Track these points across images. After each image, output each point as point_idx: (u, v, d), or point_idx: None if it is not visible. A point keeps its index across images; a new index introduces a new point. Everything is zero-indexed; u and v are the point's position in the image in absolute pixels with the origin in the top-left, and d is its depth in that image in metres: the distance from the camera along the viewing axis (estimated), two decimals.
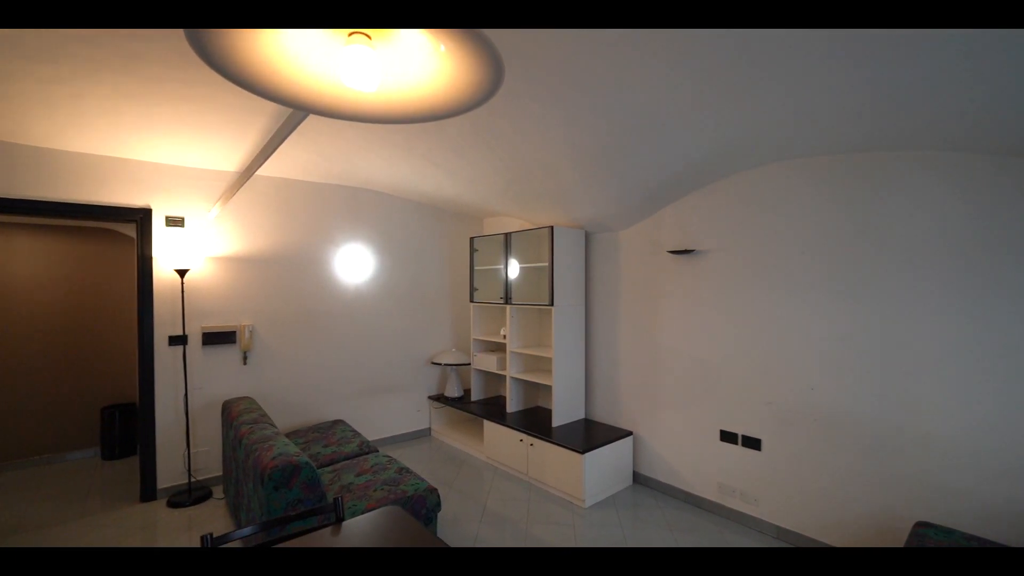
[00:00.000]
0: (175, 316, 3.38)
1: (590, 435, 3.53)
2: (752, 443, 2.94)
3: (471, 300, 4.54)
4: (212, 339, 3.52)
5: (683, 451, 3.33)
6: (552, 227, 3.68)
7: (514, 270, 4.08)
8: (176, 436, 3.41)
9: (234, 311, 3.64)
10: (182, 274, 3.27)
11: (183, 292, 3.34)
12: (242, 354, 3.67)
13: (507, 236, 4.09)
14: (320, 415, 4.07)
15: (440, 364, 4.59)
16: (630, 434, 3.60)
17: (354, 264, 4.27)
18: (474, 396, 4.56)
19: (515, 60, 1.77)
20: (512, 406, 4.14)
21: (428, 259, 4.78)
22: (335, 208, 4.16)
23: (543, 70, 1.87)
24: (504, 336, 4.20)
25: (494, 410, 4.21)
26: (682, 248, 3.29)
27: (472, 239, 4.55)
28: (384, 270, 4.46)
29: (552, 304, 3.68)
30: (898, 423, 2.40)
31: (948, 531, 1.99)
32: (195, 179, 3.45)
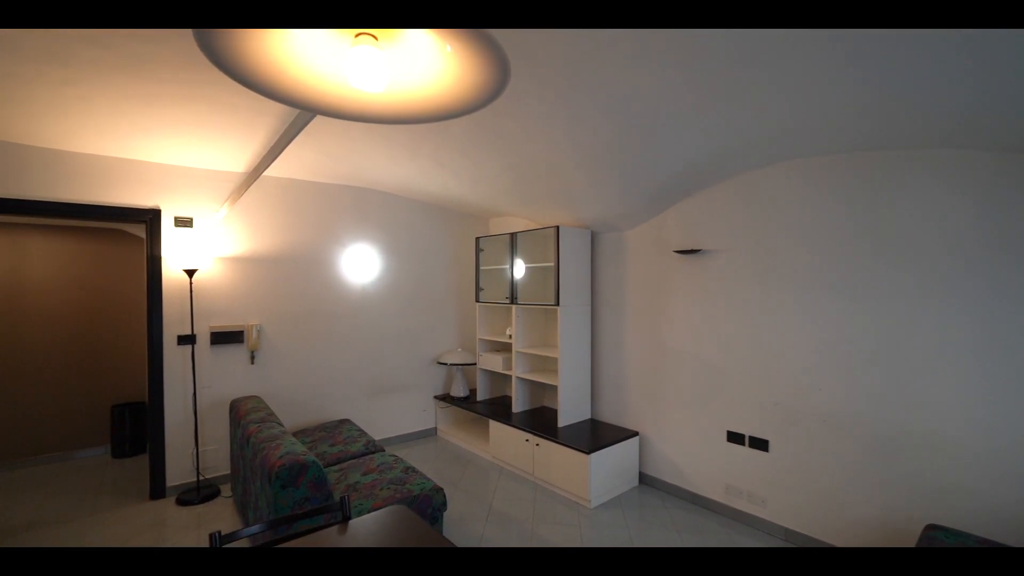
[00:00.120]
0: (184, 316, 3.41)
1: (596, 435, 3.52)
2: (759, 444, 2.92)
3: (477, 300, 4.55)
4: (220, 339, 3.55)
5: (690, 452, 3.32)
6: (558, 227, 3.67)
7: (520, 270, 4.07)
8: (185, 435, 3.44)
9: (242, 311, 3.67)
10: (191, 274, 3.30)
11: (192, 292, 3.37)
12: (250, 353, 3.70)
13: (513, 236, 4.09)
14: (327, 414, 4.10)
15: (446, 364, 4.60)
16: (636, 434, 3.59)
17: (360, 264, 4.29)
18: (480, 396, 4.56)
19: (520, 60, 1.77)
20: (518, 406, 4.14)
21: (434, 259, 4.79)
22: (342, 208, 4.17)
23: (548, 70, 1.87)
24: (510, 336, 4.20)
25: (500, 410, 4.21)
26: (689, 248, 3.27)
27: (478, 239, 4.55)
28: (390, 270, 4.48)
29: (558, 304, 3.68)
30: (907, 424, 2.37)
31: (959, 534, 1.96)
32: (203, 180, 3.48)
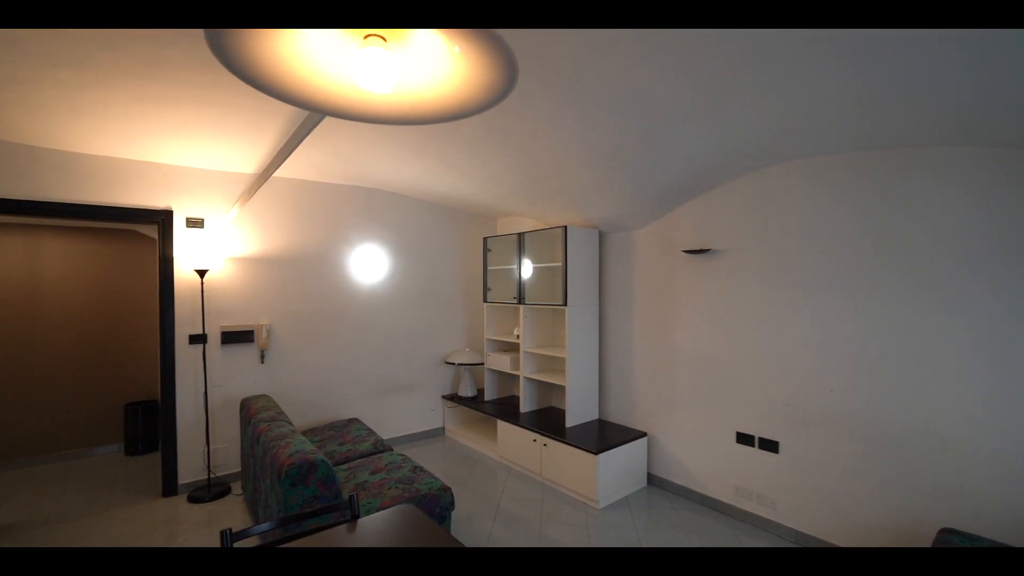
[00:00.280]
0: (195, 315, 3.45)
1: (604, 436, 3.51)
2: (769, 445, 2.90)
3: (485, 300, 4.55)
4: (231, 338, 3.59)
5: (698, 453, 3.29)
6: (565, 227, 3.66)
7: (527, 270, 4.07)
8: (196, 433, 3.48)
9: (252, 311, 3.71)
10: (202, 274, 3.34)
11: (203, 292, 3.41)
12: (260, 353, 3.73)
13: (520, 236, 4.09)
14: (335, 413, 4.12)
15: (454, 364, 4.61)
16: (644, 435, 3.58)
17: (369, 264, 4.31)
18: (487, 396, 4.57)
19: (528, 60, 1.77)
20: (525, 406, 4.13)
21: (442, 259, 4.81)
22: (350, 209, 4.20)
23: (556, 70, 1.87)
24: (517, 336, 4.20)
25: (507, 410, 4.21)
26: (697, 248, 3.25)
27: (486, 239, 4.55)
28: (398, 270, 4.50)
29: (566, 304, 3.67)
30: (921, 426, 2.34)
31: (974, 538, 1.93)
32: (215, 181, 3.52)
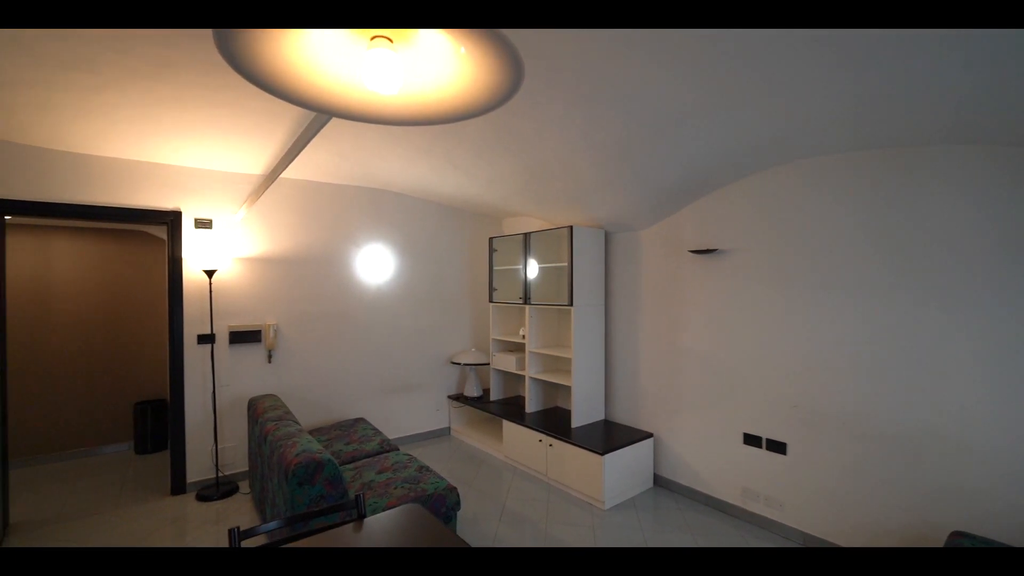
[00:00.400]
0: (203, 315, 3.48)
1: (610, 436, 3.50)
2: (777, 447, 2.88)
3: (490, 300, 4.55)
4: (238, 338, 3.62)
5: (705, 454, 3.28)
6: (571, 227, 3.66)
7: (533, 270, 4.07)
8: (204, 432, 3.51)
9: (259, 311, 3.73)
10: (210, 274, 3.37)
11: (211, 292, 3.43)
12: (267, 353, 3.76)
13: (526, 236, 4.09)
14: (342, 413, 4.14)
15: (459, 364, 4.62)
16: (651, 436, 3.56)
17: (375, 264, 4.33)
18: (493, 396, 4.57)
19: (534, 61, 1.77)
20: (531, 406, 4.13)
21: (448, 259, 4.81)
22: (357, 209, 4.22)
23: (562, 71, 1.86)
24: (523, 336, 4.20)
25: (513, 410, 4.21)
26: (704, 248, 3.23)
27: (491, 239, 4.56)
28: (404, 270, 4.51)
29: (571, 304, 3.66)
30: (931, 428, 2.31)
31: (986, 541, 1.90)
32: (223, 182, 3.55)
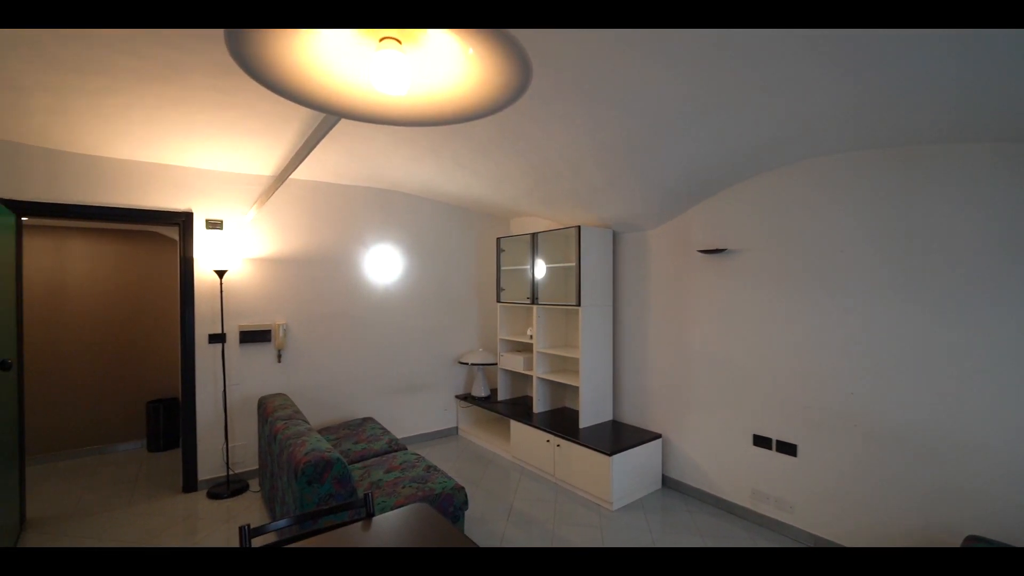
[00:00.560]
0: (214, 315, 3.51)
1: (618, 437, 3.49)
2: (787, 448, 2.85)
3: (498, 300, 4.55)
4: (249, 337, 3.65)
5: (714, 455, 3.25)
6: (579, 227, 3.65)
7: (541, 270, 4.07)
8: (216, 430, 3.54)
9: (269, 310, 3.77)
10: (221, 275, 3.40)
11: (222, 292, 3.47)
12: (277, 352, 3.79)
13: (534, 236, 4.08)
14: (350, 412, 4.17)
15: (467, 364, 4.62)
16: (659, 437, 3.54)
17: (384, 264, 4.35)
18: (501, 396, 4.57)
19: (542, 61, 1.77)
20: (539, 406, 4.13)
21: (456, 259, 4.82)
22: (365, 210, 4.24)
23: (569, 71, 1.86)
24: (531, 336, 4.19)
25: (521, 410, 4.21)
26: (713, 248, 3.21)
27: (499, 239, 4.56)
28: (413, 270, 4.53)
29: (579, 304, 3.65)
30: (945, 431, 2.27)
31: (1003, 546, 1.87)
32: (233, 183, 3.58)
